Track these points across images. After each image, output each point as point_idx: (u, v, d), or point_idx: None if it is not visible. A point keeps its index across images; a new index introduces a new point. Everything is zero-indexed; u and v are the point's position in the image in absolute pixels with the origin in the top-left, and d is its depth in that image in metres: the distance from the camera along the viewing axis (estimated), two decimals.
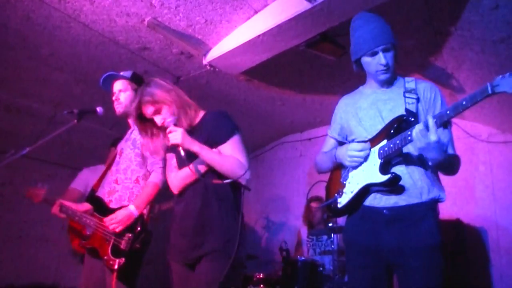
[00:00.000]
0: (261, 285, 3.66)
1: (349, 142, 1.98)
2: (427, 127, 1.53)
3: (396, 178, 1.69)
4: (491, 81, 1.42)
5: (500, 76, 1.41)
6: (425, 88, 1.83)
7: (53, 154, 3.99)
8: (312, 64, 3.59)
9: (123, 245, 2.22)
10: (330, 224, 3.78)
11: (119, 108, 2.50)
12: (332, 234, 3.73)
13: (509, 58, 2.83)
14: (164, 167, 2.26)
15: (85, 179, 3.54)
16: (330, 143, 2.10)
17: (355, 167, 1.84)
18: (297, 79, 3.94)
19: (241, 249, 1.87)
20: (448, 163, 1.70)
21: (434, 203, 1.75)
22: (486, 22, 2.53)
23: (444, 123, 1.55)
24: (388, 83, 1.88)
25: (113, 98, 2.51)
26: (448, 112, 1.51)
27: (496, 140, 4.03)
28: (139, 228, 2.26)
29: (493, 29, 2.58)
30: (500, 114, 3.77)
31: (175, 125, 1.90)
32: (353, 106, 1.96)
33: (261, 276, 3.70)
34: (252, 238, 5.43)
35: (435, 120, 1.52)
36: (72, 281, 4.40)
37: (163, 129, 1.97)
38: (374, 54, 1.79)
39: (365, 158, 1.79)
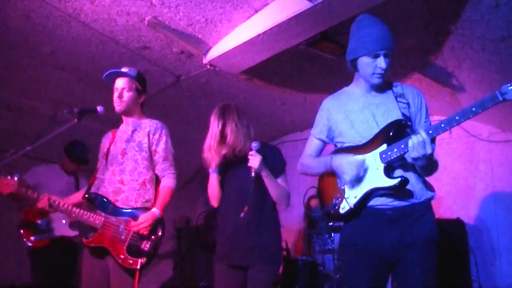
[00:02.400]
0: None
1: (336, 143, 2.02)
2: (423, 139, 1.60)
3: (405, 181, 1.72)
4: (499, 89, 1.49)
5: (508, 84, 1.48)
6: (413, 93, 1.89)
7: (54, 153, 3.98)
8: (313, 63, 3.59)
9: (145, 246, 2.28)
10: (331, 223, 3.78)
11: (120, 106, 2.47)
12: (332, 233, 3.74)
13: (509, 56, 2.83)
14: (175, 173, 2.49)
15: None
16: (315, 144, 2.10)
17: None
18: (298, 78, 3.94)
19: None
20: (431, 168, 1.78)
21: (430, 201, 1.83)
22: (487, 21, 2.53)
23: (439, 134, 1.64)
24: (378, 87, 1.90)
25: (116, 95, 2.47)
26: (457, 117, 1.58)
27: (496, 139, 4.03)
28: (160, 233, 2.36)
29: (494, 28, 2.57)
30: (500, 113, 3.76)
31: (257, 151, 2.26)
32: (342, 108, 1.95)
33: None
34: None
35: (431, 131, 1.62)
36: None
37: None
38: (376, 56, 1.79)
39: (365, 170, 1.80)
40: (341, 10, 2.62)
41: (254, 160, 2.21)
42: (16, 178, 2.57)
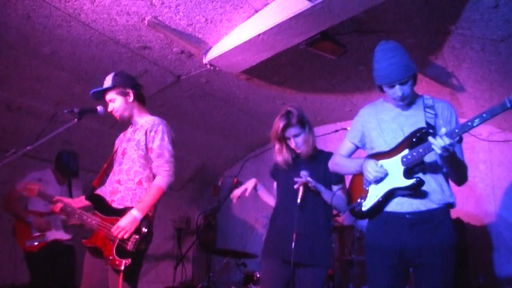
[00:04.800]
0: None
1: (367, 149, 2.17)
2: (446, 134, 1.70)
3: (421, 182, 1.87)
4: (509, 96, 1.62)
5: None
6: (443, 106, 2.02)
7: (54, 153, 3.99)
8: (313, 63, 3.59)
9: (129, 246, 2.21)
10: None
11: (117, 117, 2.52)
12: (331, 234, 3.72)
13: (509, 56, 2.83)
14: (169, 170, 2.39)
15: (31, 181, 3.48)
16: (348, 146, 2.27)
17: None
18: (298, 78, 3.94)
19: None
20: (458, 170, 1.92)
21: (449, 207, 1.97)
22: (486, 20, 2.53)
23: (461, 135, 1.74)
24: (407, 104, 2.04)
25: (108, 109, 2.52)
26: (469, 123, 1.69)
27: (496, 139, 4.03)
28: (145, 230, 2.26)
29: (493, 28, 2.58)
30: None
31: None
32: (375, 117, 2.12)
33: None
34: (252, 236, 5.43)
35: (456, 130, 1.72)
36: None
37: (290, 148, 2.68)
38: (392, 86, 1.95)
39: (384, 176, 1.96)
40: (341, 10, 2.62)
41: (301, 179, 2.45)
42: (38, 183, 2.80)
